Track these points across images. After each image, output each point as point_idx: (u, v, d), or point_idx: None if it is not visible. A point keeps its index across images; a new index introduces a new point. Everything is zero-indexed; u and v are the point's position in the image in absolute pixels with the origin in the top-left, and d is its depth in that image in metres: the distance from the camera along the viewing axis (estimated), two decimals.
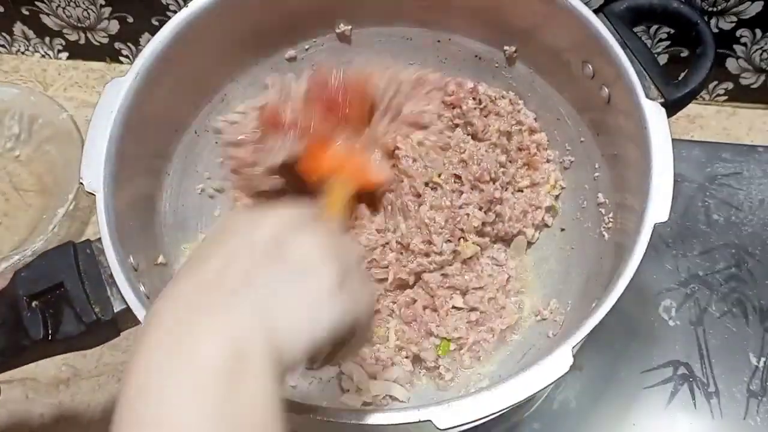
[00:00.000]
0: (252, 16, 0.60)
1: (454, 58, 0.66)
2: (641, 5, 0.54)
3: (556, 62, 0.60)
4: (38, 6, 0.80)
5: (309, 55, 0.66)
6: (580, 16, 0.54)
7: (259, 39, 0.62)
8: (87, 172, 0.50)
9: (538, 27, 0.59)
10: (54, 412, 0.64)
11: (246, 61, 0.64)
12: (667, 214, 0.47)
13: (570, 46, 0.58)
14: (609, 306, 0.44)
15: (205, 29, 0.57)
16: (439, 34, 0.66)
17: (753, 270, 0.67)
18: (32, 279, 0.47)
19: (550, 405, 0.61)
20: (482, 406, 0.41)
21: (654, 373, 0.63)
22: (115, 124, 0.51)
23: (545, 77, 0.63)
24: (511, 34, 0.62)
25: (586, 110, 0.60)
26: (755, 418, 0.61)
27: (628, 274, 0.45)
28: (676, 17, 0.54)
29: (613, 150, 0.58)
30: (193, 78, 0.59)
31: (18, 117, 0.78)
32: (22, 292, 0.46)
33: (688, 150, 0.74)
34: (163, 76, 0.55)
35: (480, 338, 0.59)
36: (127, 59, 0.85)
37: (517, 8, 0.59)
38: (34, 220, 0.74)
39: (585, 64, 0.57)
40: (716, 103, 0.79)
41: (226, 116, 0.62)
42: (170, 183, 0.60)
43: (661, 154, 0.48)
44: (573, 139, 0.63)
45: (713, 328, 0.65)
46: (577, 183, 0.63)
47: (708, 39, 0.53)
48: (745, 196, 0.72)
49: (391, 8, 0.64)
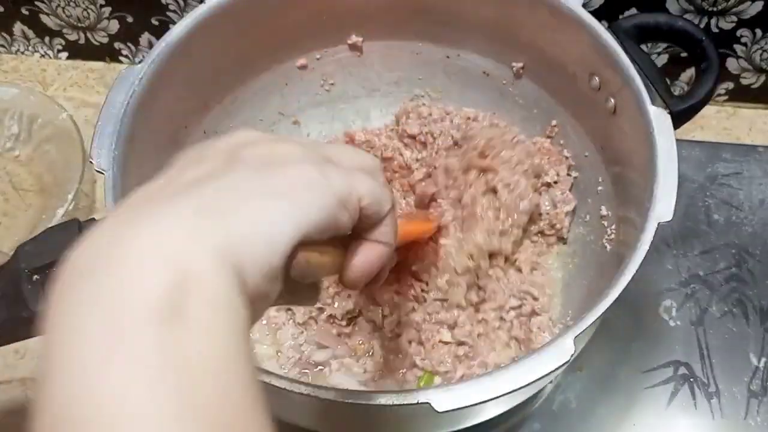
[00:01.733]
0: (266, 21, 0.60)
1: (462, 74, 0.67)
2: (648, 23, 0.56)
3: (562, 76, 0.61)
4: (38, 6, 0.80)
5: (320, 64, 0.67)
6: (589, 28, 0.55)
7: (272, 45, 0.63)
8: (97, 152, 0.50)
9: (547, 40, 0.60)
10: None
11: (258, 66, 0.64)
12: (671, 213, 0.47)
13: (577, 58, 0.58)
14: (612, 298, 0.44)
15: (220, 28, 0.58)
16: (447, 50, 0.67)
17: (753, 270, 0.67)
18: (35, 253, 0.46)
19: (550, 405, 0.61)
20: (481, 390, 0.40)
21: (654, 373, 0.63)
22: (127, 107, 0.52)
23: (551, 92, 0.64)
24: (520, 50, 0.63)
25: (592, 124, 0.61)
26: (755, 418, 0.61)
27: (632, 269, 0.45)
28: (682, 35, 0.55)
29: (616, 161, 0.58)
30: (205, 76, 0.60)
31: (17, 117, 0.78)
32: (24, 266, 0.45)
33: (689, 150, 0.74)
34: (176, 69, 0.55)
35: (470, 372, 0.56)
36: (127, 59, 0.85)
37: (526, 22, 0.60)
38: (34, 219, 0.73)
39: (592, 77, 0.57)
40: (716, 103, 0.79)
41: None
42: None
43: (667, 156, 0.49)
44: (578, 154, 0.63)
45: (714, 328, 0.65)
46: (581, 198, 0.63)
47: (713, 55, 0.54)
48: (746, 196, 0.72)
49: (402, 22, 0.65)
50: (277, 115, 0.68)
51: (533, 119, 0.66)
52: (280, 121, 0.68)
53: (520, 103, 0.66)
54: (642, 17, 0.56)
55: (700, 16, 0.70)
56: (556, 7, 0.56)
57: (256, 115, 0.66)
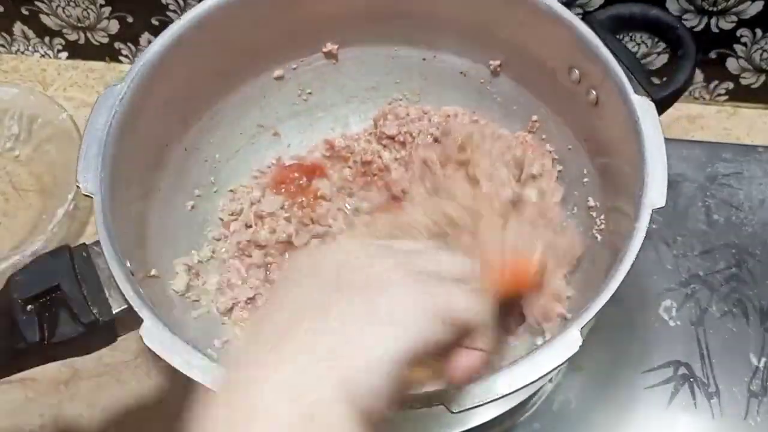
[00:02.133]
0: (241, 34, 0.60)
1: (439, 75, 0.67)
2: (622, 14, 0.56)
3: (541, 71, 0.60)
4: (38, 6, 0.80)
5: (296, 74, 0.66)
6: (566, 21, 0.55)
7: (247, 57, 0.63)
8: (83, 176, 0.50)
9: (524, 37, 0.60)
10: (53, 413, 0.64)
11: (234, 79, 0.64)
12: (664, 199, 0.47)
13: (556, 52, 0.58)
14: (614, 289, 0.44)
15: (195, 43, 0.57)
16: (424, 52, 0.66)
17: (753, 270, 0.67)
18: (27, 282, 0.46)
19: (550, 405, 0.61)
20: (494, 387, 0.40)
21: (654, 373, 0.63)
22: (110, 128, 0.51)
23: (530, 88, 0.63)
24: (497, 48, 0.63)
25: (573, 117, 0.60)
26: (755, 418, 0.61)
27: (630, 257, 0.45)
28: (656, 23, 0.55)
29: (601, 152, 0.58)
30: (183, 92, 0.59)
31: (17, 117, 0.78)
32: (17, 296, 0.45)
33: (689, 150, 0.74)
34: (155, 88, 0.55)
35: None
36: (126, 59, 0.85)
37: (502, 20, 0.60)
38: (34, 220, 0.74)
39: (571, 70, 0.57)
40: (716, 103, 0.79)
41: None
42: (161, 197, 0.59)
43: (655, 143, 0.49)
44: (560, 148, 0.63)
45: (714, 329, 0.65)
46: (567, 191, 0.62)
47: (688, 41, 0.54)
48: (746, 196, 0.72)
49: (378, 27, 0.64)
50: (257, 127, 0.67)
51: (513, 116, 0.65)
52: (260, 134, 0.67)
53: (499, 101, 0.66)
54: (617, 8, 0.56)
55: (700, 16, 0.70)
56: (532, 3, 0.56)
57: (235, 130, 0.66)
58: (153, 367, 0.65)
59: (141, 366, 0.65)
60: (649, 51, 0.74)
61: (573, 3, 0.69)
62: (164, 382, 0.64)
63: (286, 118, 0.69)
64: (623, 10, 0.56)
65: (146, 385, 0.64)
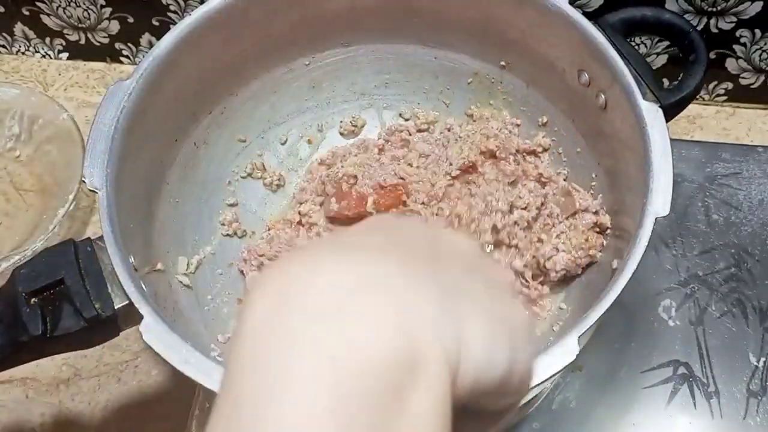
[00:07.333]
0: (253, 30, 0.60)
1: (451, 74, 0.67)
2: (635, 16, 0.56)
3: (551, 72, 0.60)
4: (39, 6, 0.80)
5: (308, 70, 0.67)
6: (576, 23, 0.55)
7: (259, 53, 0.63)
8: (89, 171, 0.50)
9: (534, 37, 0.60)
10: (54, 412, 0.64)
11: (246, 74, 0.64)
12: (668, 208, 0.47)
13: (565, 54, 0.58)
14: (614, 297, 0.44)
15: (207, 39, 0.57)
16: (435, 51, 0.66)
17: (753, 270, 0.68)
18: (32, 275, 0.46)
19: (549, 405, 0.61)
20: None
21: (654, 372, 0.63)
22: (118, 123, 0.52)
23: (540, 89, 0.64)
24: (507, 48, 0.63)
25: (582, 119, 0.61)
26: (755, 418, 0.61)
27: (632, 266, 0.45)
28: (669, 27, 0.55)
29: (609, 156, 0.58)
30: (193, 88, 0.60)
31: (18, 117, 0.78)
32: (21, 289, 0.45)
33: (688, 150, 0.74)
34: (164, 82, 0.55)
35: None
36: (127, 59, 0.85)
37: (513, 21, 0.60)
38: (35, 220, 0.74)
39: (581, 73, 0.57)
40: (716, 103, 0.79)
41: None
42: (169, 191, 0.60)
43: (661, 150, 0.49)
44: (569, 150, 0.63)
45: (713, 328, 0.65)
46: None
47: (700, 47, 0.54)
48: (745, 196, 0.72)
49: (390, 26, 0.65)
50: (266, 123, 0.67)
51: (523, 116, 0.66)
52: (270, 130, 0.68)
53: (509, 101, 0.66)
54: (629, 11, 0.56)
55: (699, 16, 0.70)
56: (542, 5, 0.56)
57: (245, 125, 0.66)
58: (153, 367, 0.65)
59: (141, 366, 0.65)
60: (648, 51, 0.74)
61: (579, 4, 0.69)
62: (165, 381, 0.65)
63: (297, 114, 0.69)
64: (635, 13, 0.55)
65: (146, 384, 0.65)
